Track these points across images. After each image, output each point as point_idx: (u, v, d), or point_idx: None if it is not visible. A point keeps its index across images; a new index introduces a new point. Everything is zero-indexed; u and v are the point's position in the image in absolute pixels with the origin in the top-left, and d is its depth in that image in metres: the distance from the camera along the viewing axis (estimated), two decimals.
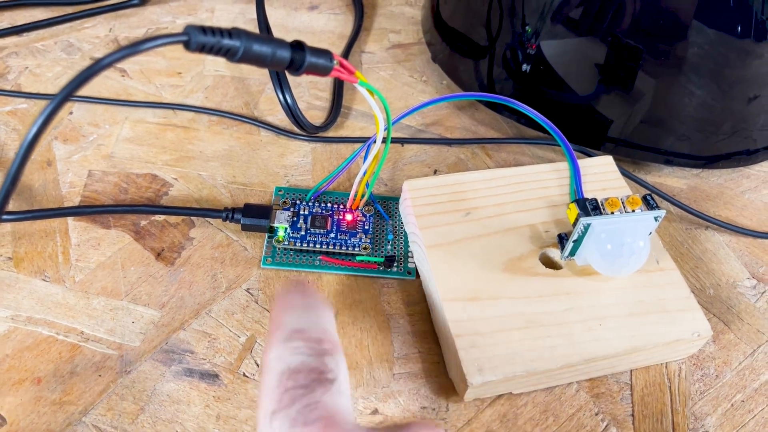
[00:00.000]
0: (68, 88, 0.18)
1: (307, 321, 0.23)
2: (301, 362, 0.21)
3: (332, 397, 0.20)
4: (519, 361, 0.28)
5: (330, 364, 0.22)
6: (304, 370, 0.21)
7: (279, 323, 0.23)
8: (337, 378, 0.21)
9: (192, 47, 0.20)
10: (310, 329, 0.22)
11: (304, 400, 0.20)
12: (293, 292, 0.25)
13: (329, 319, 0.24)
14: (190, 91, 0.43)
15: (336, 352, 0.22)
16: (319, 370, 0.21)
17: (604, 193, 0.35)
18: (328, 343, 0.22)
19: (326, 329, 0.23)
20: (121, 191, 0.37)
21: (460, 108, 0.44)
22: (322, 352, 0.22)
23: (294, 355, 0.21)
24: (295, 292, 0.25)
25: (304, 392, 0.20)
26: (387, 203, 0.37)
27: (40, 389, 0.29)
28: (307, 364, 0.21)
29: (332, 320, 0.24)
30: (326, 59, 0.24)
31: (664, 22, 0.35)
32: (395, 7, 0.52)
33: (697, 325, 0.30)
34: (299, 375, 0.21)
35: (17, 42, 0.46)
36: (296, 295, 0.24)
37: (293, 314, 0.23)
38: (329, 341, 0.22)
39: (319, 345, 0.22)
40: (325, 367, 0.21)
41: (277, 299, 0.25)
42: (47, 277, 0.33)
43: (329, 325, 0.24)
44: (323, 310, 0.24)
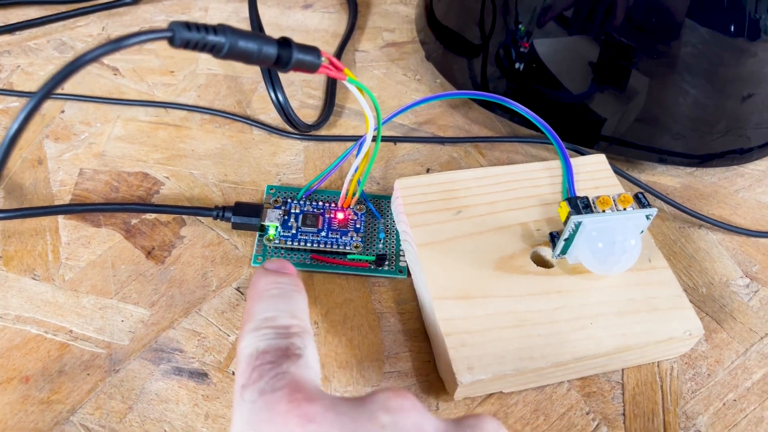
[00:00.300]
0: (50, 83, 0.18)
1: (276, 309, 0.24)
2: (267, 344, 0.22)
3: (298, 369, 0.21)
4: (509, 360, 0.28)
5: (297, 342, 0.23)
6: (271, 350, 0.22)
7: (250, 313, 0.24)
8: (303, 354, 0.22)
9: (176, 43, 0.20)
10: (279, 317, 0.23)
11: (271, 372, 0.21)
12: (264, 278, 0.25)
13: (300, 305, 0.25)
14: (182, 89, 0.43)
15: (304, 334, 0.23)
16: (284, 347, 0.22)
17: (597, 191, 0.35)
18: (296, 328, 0.23)
19: (295, 314, 0.24)
20: (112, 190, 0.37)
21: (454, 106, 0.44)
22: (290, 335, 0.23)
23: (261, 340, 0.22)
24: (266, 278, 0.25)
25: (271, 366, 0.21)
26: (379, 202, 0.37)
27: (28, 388, 0.29)
28: (274, 345, 0.22)
29: (303, 305, 0.25)
30: (314, 56, 0.24)
31: (657, 20, 0.35)
32: (389, 5, 0.52)
33: (689, 324, 0.30)
34: (267, 354, 0.22)
35: (9, 40, 0.46)
36: (268, 283, 0.25)
37: (263, 303, 0.24)
38: (298, 326, 0.23)
39: (286, 330, 0.23)
40: (291, 346, 0.22)
41: (251, 287, 0.25)
42: (36, 276, 0.33)
43: (299, 311, 0.24)
44: (294, 296, 0.25)
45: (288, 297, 0.24)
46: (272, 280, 0.25)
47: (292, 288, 0.25)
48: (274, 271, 0.26)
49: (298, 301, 0.25)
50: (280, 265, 0.26)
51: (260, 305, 0.24)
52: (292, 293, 0.25)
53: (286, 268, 0.26)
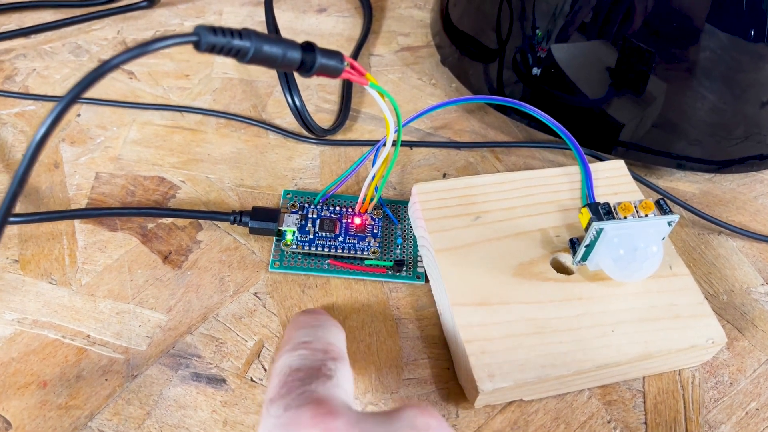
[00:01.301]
0: (77, 88, 0.18)
1: (314, 336, 0.24)
2: (301, 364, 0.22)
3: (326, 388, 0.21)
4: (530, 368, 0.28)
5: (330, 365, 0.23)
6: (304, 368, 0.22)
7: (288, 339, 0.25)
8: (335, 376, 0.22)
9: (202, 48, 0.20)
10: (316, 342, 0.24)
11: (299, 389, 0.21)
12: (306, 315, 0.27)
13: (338, 335, 0.26)
14: (198, 93, 0.43)
15: (340, 359, 0.23)
16: (317, 368, 0.22)
17: (616, 197, 0.35)
18: (332, 353, 0.24)
19: (332, 342, 0.24)
20: (128, 194, 0.37)
21: (470, 111, 0.44)
22: (325, 358, 0.23)
23: (297, 359, 0.23)
24: (307, 315, 0.27)
25: (300, 384, 0.21)
26: (396, 207, 0.37)
27: (45, 393, 0.29)
28: (307, 364, 0.22)
29: (341, 337, 0.26)
30: (337, 60, 0.24)
31: (677, 25, 0.35)
32: (404, 9, 0.52)
33: (711, 332, 0.30)
34: (298, 372, 0.22)
35: (25, 44, 0.46)
36: (308, 317, 0.26)
37: (302, 330, 0.25)
38: (334, 351, 0.24)
39: (323, 354, 0.23)
40: (324, 367, 0.23)
41: (291, 321, 0.27)
42: (54, 280, 0.33)
43: (337, 340, 0.25)
44: (333, 328, 0.26)
45: (326, 328, 0.25)
46: (312, 316, 0.26)
47: (332, 323, 0.26)
48: (313, 310, 0.27)
49: (336, 332, 0.25)
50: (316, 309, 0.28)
51: (299, 332, 0.25)
52: (331, 326, 0.26)
53: (321, 311, 0.28)
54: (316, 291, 0.33)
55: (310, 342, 0.24)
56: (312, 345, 0.23)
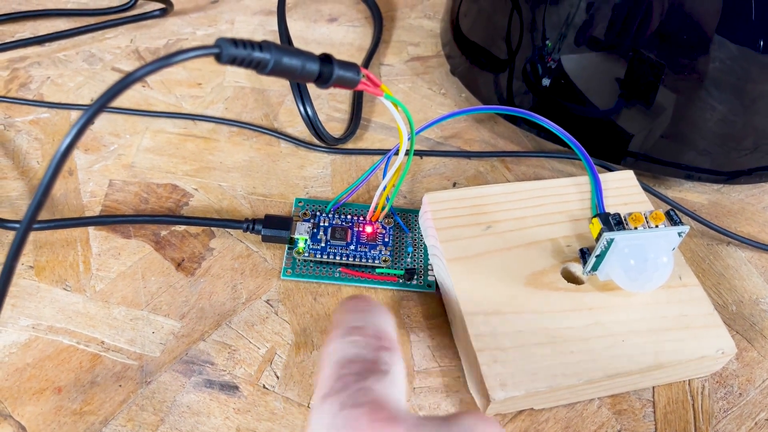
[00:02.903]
0: (102, 99, 0.18)
1: (365, 321, 0.23)
2: (356, 353, 0.21)
3: (383, 386, 0.20)
4: (541, 377, 0.28)
5: (385, 357, 0.22)
6: (359, 360, 0.21)
7: (338, 322, 0.23)
8: (390, 371, 0.21)
9: (223, 60, 0.20)
10: (369, 327, 0.23)
11: (355, 386, 0.20)
12: (355, 299, 0.25)
13: (389, 322, 0.24)
14: (210, 102, 0.44)
15: (393, 349, 0.22)
16: (373, 361, 0.21)
17: (626, 207, 0.35)
18: (385, 341, 0.22)
19: (385, 329, 0.23)
20: (142, 201, 0.37)
21: (479, 121, 0.44)
22: (379, 347, 0.22)
23: (350, 347, 0.22)
24: (356, 299, 0.25)
25: (355, 379, 0.20)
26: (406, 215, 0.37)
27: (60, 399, 0.29)
28: (362, 356, 0.21)
29: (392, 324, 0.24)
30: (354, 72, 0.24)
31: (686, 36, 0.35)
32: (414, 20, 0.53)
33: (722, 342, 0.30)
34: (353, 364, 0.21)
35: (40, 52, 0.46)
36: (358, 302, 0.25)
37: (353, 315, 0.24)
38: (387, 339, 0.23)
39: (376, 341, 0.22)
40: (379, 360, 0.21)
41: (339, 305, 0.25)
42: (68, 287, 0.33)
43: (389, 327, 0.24)
44: (384, 314, 0.24)
45: (377, 313, 0.24)
46: (362, 299, 0.25)
47: (382, 308, 0.25)
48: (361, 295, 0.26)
49: (387, 318, 0.24)
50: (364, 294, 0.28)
51: (350, 316, 0.23)
52: (382, 311, 0.24)
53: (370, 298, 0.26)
54: (327, 299, 0.33)
55: (363, 327, 0.22)
56: (365, 331, 0.22)
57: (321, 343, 0.31)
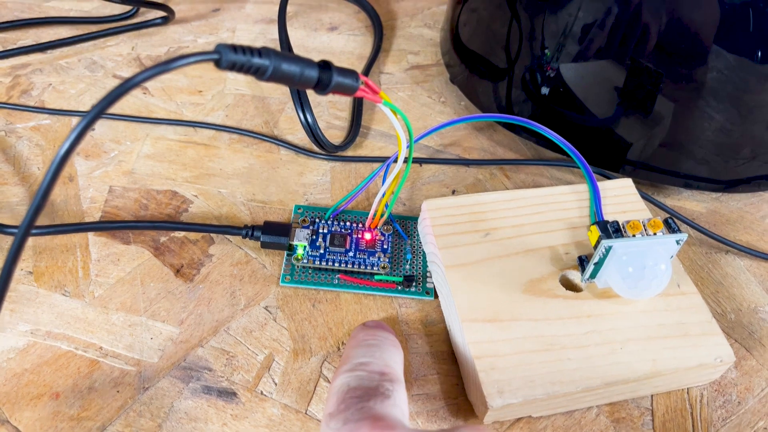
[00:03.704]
0: (101, 104, 0.18)
1: (371, 356, 0.25)
2: (359, 383, 0.23)
3: (384, 407, 0.22)
4: (539, 384, 0.28)
5: (387, 385, 0.24)
6: (362, 387, 0.23)
7: (347, 358, 0.25)
8: (392, 396, 0.23)
9: (223, 65, 0.21)
10: (374, 363, 0.25)
11: (357, 405, 0.22)
12: (365, 330, 0.27)
13: (395, 357, 0.26)
14: (210, 109, 0.44)
15: (396, 381, 0.24)
16: (375, 387, 0.23)
17: (624, 215, 0.35)
18: (389, 375, 0.24)
19: (389, 364, 0.25)
20: (142, 207, 0.37)
21: (478, 129, 0.44)
22: (382, 379, 0.24)
23: (355, 379, 0.24)
24: (367, 332, 0.27)
25: (358, 400, 0.22)
26: (405, 222, 0.37)
27: (58, 404, 0.29)
28: (364, 384, 0.23)
29: (399, 358, 0.26)
30: (352, 79, 0.24)
31: (684, 46, 0.35)
32: (414, 29, 0.53)
33: (720, 351, 0.30)
34: (356, 390, 0.23)
35: (41, 59, 0.47)
36: (367, 334, 0.27)
37: (360, 350, 0.26)
38: (391, 373, 0.24)
39: (380, 375, 0.24)
40: (381, 386, 0.23)
41: (350, 339, 0.27)
42: (67, 292, 0.33)
43: (394, 362, 0.26)
44: (391, 348, 0.26)
45: (384, 348, 0.26)
46: (371, 332, 0.27)
47: (390, 342, 0.27)
48: (374, 327, 0.28)
49: (394, 353, 0.26)
50: (380, 323, 0.29)
51: (357, 351, 0.25)
52: (389, 346, 0.26)
53: (385, 326, 0.28)
54: (326, 305, 0.33)
55: (368, 363, 0.24)
56: (370, 366, 0.24)
57: (319, 350, 0.32)
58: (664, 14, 0.35)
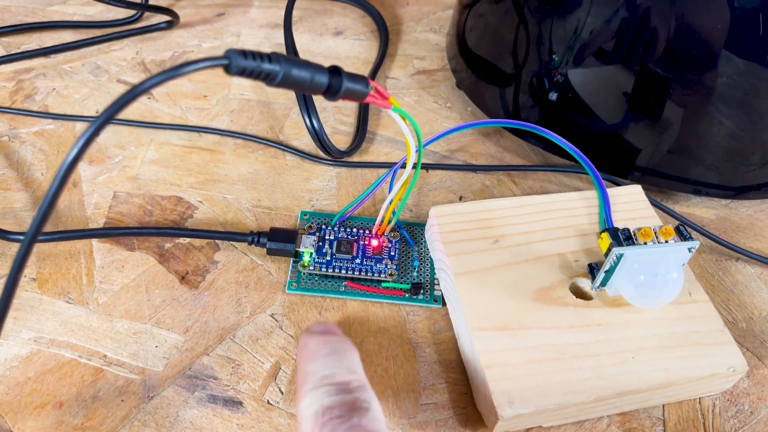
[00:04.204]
0: (110, 110, 0.18)
1: (332, 366, 0.24)
2: (332, 400, 0.22)
3: (368, 421, 0.21)
4: (550, 394, 0.28)
5: (361, 396, 0.23)
6: (337, 405, 0.22)
7: (306, 374, 0.24)
8: (370, 407, 0.22)
9: (233, 71, 0.20)
10: (337, 373, 0.24)
11: (343, 426, 0.21)
12: (313, 338, 0.26)
13: (354, 360, 0.25)
14: (215, 114, 0.44)
15: (364, 386, 0.23)
16: (351, 402, 0.22)
17: (634, 222, 0.35)
18: (356, 382, 0.23)
19: (353, 370, 0.24)
20: (146, 213, 0.37)
21: (485, 134, 0.44)
22: (352, 390, 0.23)
23: (325, 397, 0.22)
24: (315, 339, 0.26)
25: (341, 421, 0.21)
26: (412, 229, 0.37)
27: (62, 413, 0.29)
28: (339, 400, 0.22)
29: (357, 360, 0.25)
30: (362, 85, 0.24)
31: (694, 51, 0.35)
32: (420, 33, 0.53)
33: (733, 360, 0.30)
34: (334, 410, 0.22)
35: (45, 63, 0.46)
36: (318, 344, 0.26)
37: (317, 362, 0.24)
38: (357, 380, 0.23)
39: (347, 385, 0.23)
40: (357, 399, 0.22)
41: (300, 351, 0.26)
42: (71, 299, 0.33)
43: (355, 366, 0.25)
44: (347, 352, 0.25)
45: (341, 354, 0.25)
46: (321, 340, 0.26)
47: (343, 345, 0.25)
48: (321, 332, 0.26)
49: (352, 357, 0.25)
50: (325, 327, 0.27)
51: (315, 365, 0.24)
52: (344, 350, 0.25)
53: (332, 328, 0.27)
54: (332, 313, 0.33)
55: (332, 375, 0.23)
56: (335, 378, 0.23)
57: None
58: (673, 19, 0.34)
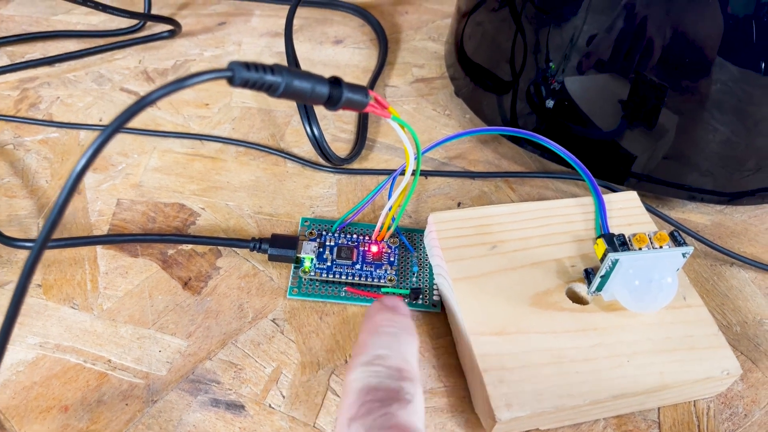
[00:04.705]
0: (118, 121, 0.19)
1: (389, 348, 0.24)
2: (379, 382, 0.22)
3: (406, 413, 0.21)
4: (547, 397, 0.28)
5: (407, 388, 0.23)
6: (382, 388, 0.22)
7: (363, 346, 0.24)
8: (413, 400, 0.22)
9: (236, 83, 0.21)
10: (392, 357, 0.23)
11: (380, 411, 0.21)
12: (382, 313, 0.25)
13: (412, 350, 0.25)
14: (217, 122, 0.44)
15: (414, 380, 0.23)
16: (396, 390, 0.22)
17: (630, 228, 0.35)
18: (407, 372, 0.23)
19: (407, 359, 0.24)
20: (149, 220, 0.37)
21: (483, 141, 0.45)
22: (401, 377, 0.23)
23: (373, 377, 0.22)
24: (384, 314, 0.25)
25: (380, 405, 0.21)
26: (411, 235, 0.37)
27: (67, 417, 0.29)
28: (385, 384, 0.22)
29: (415, 351, 0.25)
30: (362, 95, 0.24)
31: (688, 59, 0.35)
32: (419, 42, 0.53)
33: (727, 363, 0.30)
34: (377, 392, 0.22)
35: (49, 72, 0.47)
36: (385, 319, 0.25)
37: (378, 339, 0.24)
38: (409, 370, 0.23)
39: (398, 372, 0.23)
40: (402, 389, 0.22)
41: (366, 320, 0.25)
42: (76, 305, 0.33)
43: (411, 356, 0.24)
44: (408, 340, 0.25)
45: (402, 339, 0.24)
46: (389, 317, 0.25)
47: (408, 331, 0.25)
48: (391, 308, 0.26)
49: (411, 344, 0.25)
50: (397, 303, 0.26)
51: (374, 340, 0.24)
52: (407, 335, 0.25)
53: (402, 308, 0.26)
54: (333, 318, 0.34)
55: (387, 357, 0.23)
56: (388, 361, 0.23)
57: (327, 363, 0.32)
58: (667, 27, 0.35)
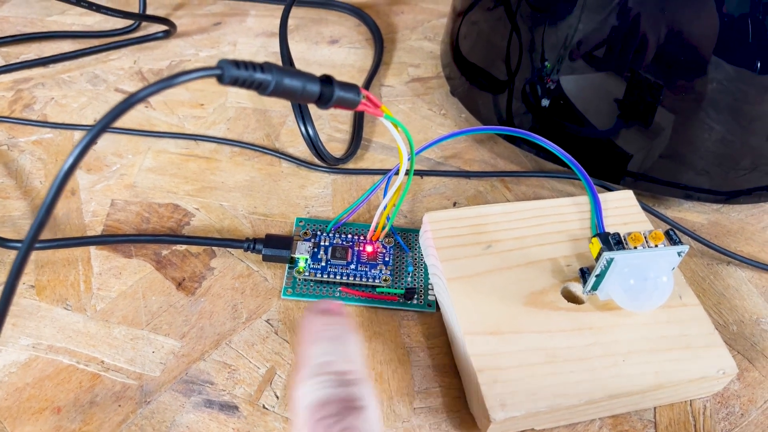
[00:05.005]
0: (106, 119, 0.18)
1: (333, 353, 0.23)
2: (328, 394, 0.21)
3: (363, 422, 0.21)
4: (542, 397, 0.28)
5: (358, 393, 0.22)
6: (333, 400, 0.21)
7: (305, 357, 0.23)
8: (367, 406, 0.21)
9: (225, 81, 0.21)
10: (336, 361, 0.23)
11: (337, 426, 0.20)
12: (318, 319, 0.25)
13: (355, 348, 0.24)
14: (212, 122, 0.44)
15: (363, 381, 0.22)
16: (347, 399, 0.21)
17: (626, 227, 0.35)
18: (355, 374, 0.22)
19: (352, 359, 0.23)
20: (143, 221, 0.37)
21: (479, 141, 0.45)
22: (350, 382, 0.22)
23: (321, 389, 0.22)
24: (320, 320, 0.25)
25: (336, 420, 0.20)
26: (407, 235, 0.37)
27: (59, 419, 0.29)
28: (335, 395, 0.21)
29: (359, 348, 0.24)
30: (354, 93, 0.24)
31: (684, 58, 0.35)
32: (414, 41, 0.53)
33: (723, 362, 0.30)
34: (329, 406, 0.21)
35: (44, 73, 0.47)
36: (321, 324, 0.24)
37: (319, 347, 0.23)
38: (356, 371, 0.23)
39: (346, 376, 0.22)
40: (353, 396, 0.21)
41: (302, 329, 0.25)
42: (69, 306, 0.33)
43: (356, 355, 0.24)
44: (349, 339, 0.24)
45: (343, 340, 0.24)
46: (324, 321, 0.24)
47: (346, 330, 0.24)
48: (327, 311, 0.25)
49: (353, 344, 0.24)
50: (329, 305, 0.26)
51: (314, 349, 0.23)
52: (346, 335, 0.24)
53: (335, 308, 0.26)
54: None
55: (331, 363, 0.22)
56: (333, 367, 0.22)
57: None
58: (663, 26, 0.35)
